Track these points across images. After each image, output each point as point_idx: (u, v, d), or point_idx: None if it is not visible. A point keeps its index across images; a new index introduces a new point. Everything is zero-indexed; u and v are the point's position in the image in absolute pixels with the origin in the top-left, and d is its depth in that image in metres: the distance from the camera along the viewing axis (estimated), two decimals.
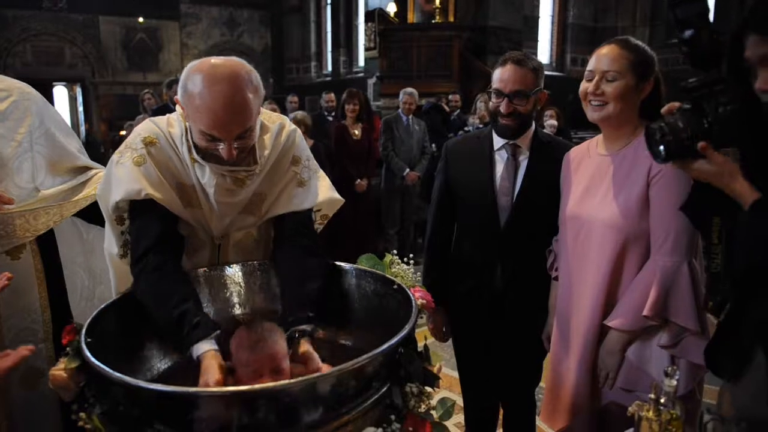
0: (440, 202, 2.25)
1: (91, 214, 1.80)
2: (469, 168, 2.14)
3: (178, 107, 1.49)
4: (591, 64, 1.71)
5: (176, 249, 1.49)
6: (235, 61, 1.38)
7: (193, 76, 1.34)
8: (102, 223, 1.65)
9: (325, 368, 1.22)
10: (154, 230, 1.43)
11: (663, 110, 1.30)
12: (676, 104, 1.30)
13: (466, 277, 2.17)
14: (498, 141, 2.09)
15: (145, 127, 1.53)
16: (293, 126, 1.66)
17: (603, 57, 1.68)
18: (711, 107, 1.22)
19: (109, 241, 1.60)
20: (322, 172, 1.72)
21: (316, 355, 1.27)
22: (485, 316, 2.13)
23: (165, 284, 1.36)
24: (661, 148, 1.28)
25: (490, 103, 2.04)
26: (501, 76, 1.98)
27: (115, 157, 1.51)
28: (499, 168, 2.08)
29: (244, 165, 1.49)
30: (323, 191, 1.69)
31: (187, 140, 1.47)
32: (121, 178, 1.46)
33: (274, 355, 1.21)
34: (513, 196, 2.04)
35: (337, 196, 1.73)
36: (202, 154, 1.45)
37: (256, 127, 1.44)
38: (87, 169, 1.89)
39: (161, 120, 1.54)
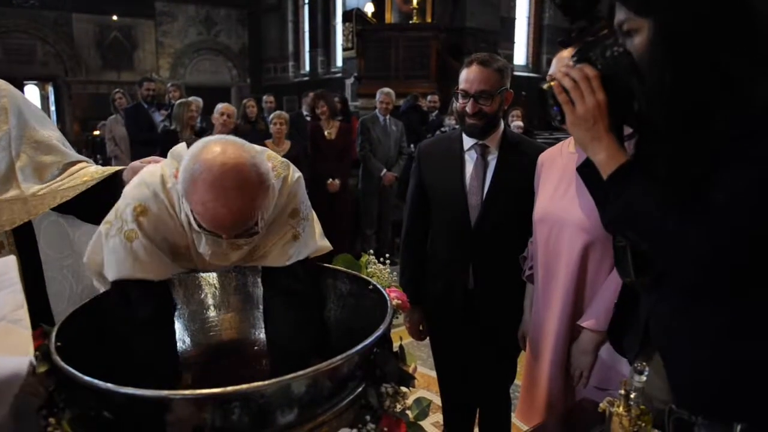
0: (414, 203, 2.27)
1: (81, 210, 1.75)
2: (440, 168, 2.17)
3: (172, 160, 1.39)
4: (551, 69, 1.73)
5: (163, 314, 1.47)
6: (246, 163, 1.20)
7: (199, 174, 1.19)
8: (91, 221, 1.61)
9: None
10: (144, 307, 1.39)
11: (550, 72, 1.22)
12: (564, 53, 1.21)
13: (440, 276, 2.19)
14: (468, 141, 2.11)
15: (135, 193, 1.39)
16: (297, 174, 1.53)
17: (558, 61, 1.70)
18: (598, 54, 1.14)
19: (92, 253, 1.52)
20: (313, 217, 1.63)
21: None
22: (459, 315, 2.15)
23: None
24: (556, 109, 1.18)
25: (457, 104, 2.07)
26: (466, 76, 2.00)
27: (103, 228, 1.40)
28: (469, 168, 2.10)
29: (245, 236, 1.36)
30: (314, 241, 1.60)
31: (184, 210, 1.34)
32: (112, 254, 1.37)
33: None
34: (482, 196, 2.06)
35: (326, 244, 1.64)
36: (201, 228, 1.30)
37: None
38: (73, 164, 1.83)
39: (154, 178, 1.40)
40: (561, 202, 1.78)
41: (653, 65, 1.04)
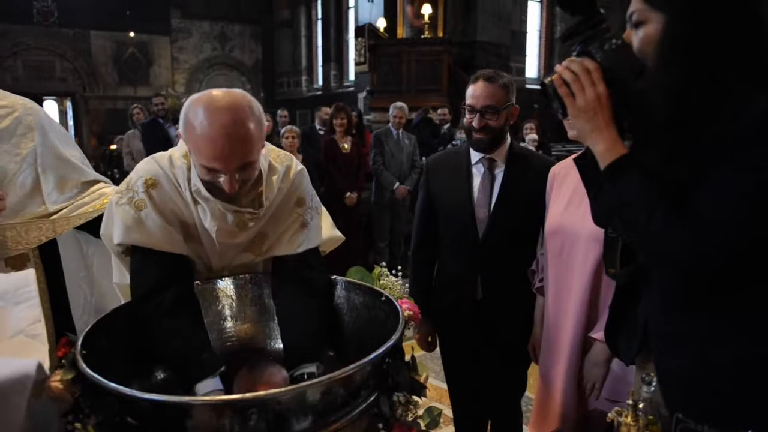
0: (423, 216, 2.31)
1: (95, 228, 1.81)
2: (448, 182, 2.20)
3: (180, 141, 1.46)
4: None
5: (180, 280, 1.48)
6: (236, 92, 1.35)
7: (195, 108, 1.31)
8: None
9: None
10: (153, 273, 1.43)
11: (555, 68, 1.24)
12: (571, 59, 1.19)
13: (448, 288, 2.22)
14: (475, 155, 2.15)
15: (147, 167, 1.49)
16: (300, 166, 1.62)
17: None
18: (597, 47, 1.15)
19: (120, 273, 1.59)
20: (323, 210, 1.69)
21: None
22: (468, 327, 2.17)
23: (170, 322, 1.39)
24: (557, 102, 1.18)
25: (464, 119, 2.11)
26: (473, 92, 2.05)
27: (115, 197, 1.48)
28: (477, 181, 2.14)
29: (250, 207, 1.46)
30: (324, 231, 1.66)
31: (189, 179, 1.43)
32: (122, 221, 1.44)
33: None
34: (490, 209, 2.10)
35: (337, 234, 1.70)
36: (207, 187, 1.40)
37: (259, 161, 1.41)
38: (93, 183, 1.90)
39: (163, 158, 1.51)
40: (575, 214, 1.80)
41: (659, 59, 1.05)
